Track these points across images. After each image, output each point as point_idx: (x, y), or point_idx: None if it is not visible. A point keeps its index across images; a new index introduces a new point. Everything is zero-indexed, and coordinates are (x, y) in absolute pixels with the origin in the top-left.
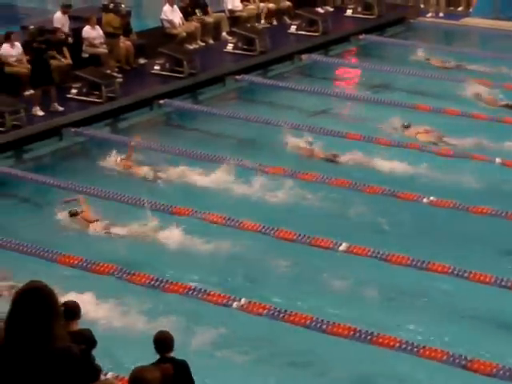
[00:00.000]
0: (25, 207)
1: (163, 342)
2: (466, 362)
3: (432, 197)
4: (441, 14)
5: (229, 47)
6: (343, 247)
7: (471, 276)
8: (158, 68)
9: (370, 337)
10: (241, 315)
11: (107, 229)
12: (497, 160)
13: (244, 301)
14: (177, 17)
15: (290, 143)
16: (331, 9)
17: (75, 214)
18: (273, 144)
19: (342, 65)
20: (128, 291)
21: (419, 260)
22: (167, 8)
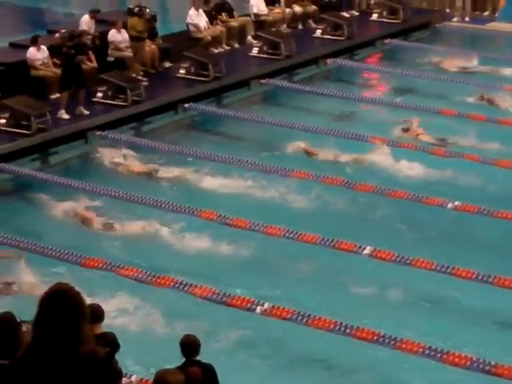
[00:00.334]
0: (48, 210)
1: (190, 346)
2: (491, 368)
3: (457, 202)
4: (466, 19)
5: (254, 51)
6: (367, 251)
7: (495, 281)
8: (183, 72)
9: (394, 341)
10: (264, 319)
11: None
12: None
13: (267, 305)
14: (202, 21)
15: (296, 145)
16: (356, 13)
17: None
18: (297, 148)
19: (367, 69)
20: (151, 292)
21: (443, 265)
22: (193, 12)
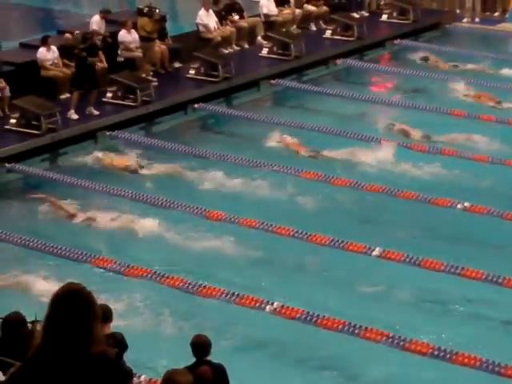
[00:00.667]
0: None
1: (201, 346)
2: (500, 369)
3: (466, 203)
4: (477, 19)
5: (264, 52)
6: (377, 252)
7: (505, 282)
8: (193, 72)
9: (403, 342)
10: (273, 319)
11: None
12: None
13: (277, 304)
14: (212, 21)
15: (278, 140)
16: (366, 14)
17: None
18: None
19: (377, 70)
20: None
21: (453, 265)
22: (203, 12)
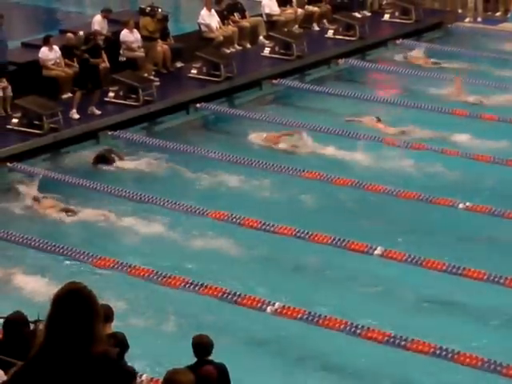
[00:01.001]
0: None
1: (203, 346)
2: (502, 368)
3: (468, 202)
4: (479, 19)
5: (266, 51)
6: (378, 251)
7: (507, 282)
8: (195, 72)
9: (404, 342)
10: (274, 319)
11: None
12: None
13: (278, 305)
14: (214, 21)
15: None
16: (368, 13)
17: None
18: (307, 148)
19: (379, 69)
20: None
21: (454, 265)
22: (205, 12)
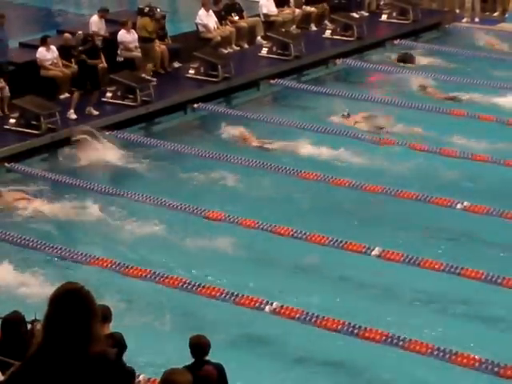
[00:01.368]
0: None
1: (200, 347)
2: (499, 369)
3: (466, 202)
4: (476, 20)
5: (263, 51)
6: (376, 252)
7: (505, 282)
8: (193, 72)
9: (402, 342)
10: (272, 318)
11: None
12: None
13: (276, 304)
14: (212, 21)
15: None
16: (366, 14)
17: None
18: (305, 148)
19: (377, 70)
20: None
21: (452, 265)
22: (202, 12)
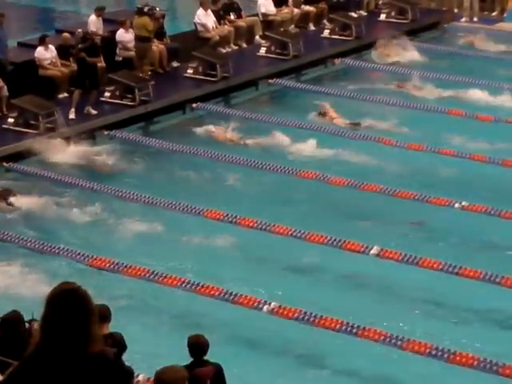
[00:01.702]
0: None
1: (199, 346)
2: (498, 368)
3: (464, 202)
4: (475, 19)
5: (262, 51)
6: (374, 251)
7: (503, 281)
8: (191, 71)
9: (401, 342)
10: (271, 318)
11: None
12: None
13: (274, 304)
14: (210, 20)
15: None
16: (365, 13)
17: None
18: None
19: (375, 69)
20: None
21: (451, 264)
22: (201, 12)
